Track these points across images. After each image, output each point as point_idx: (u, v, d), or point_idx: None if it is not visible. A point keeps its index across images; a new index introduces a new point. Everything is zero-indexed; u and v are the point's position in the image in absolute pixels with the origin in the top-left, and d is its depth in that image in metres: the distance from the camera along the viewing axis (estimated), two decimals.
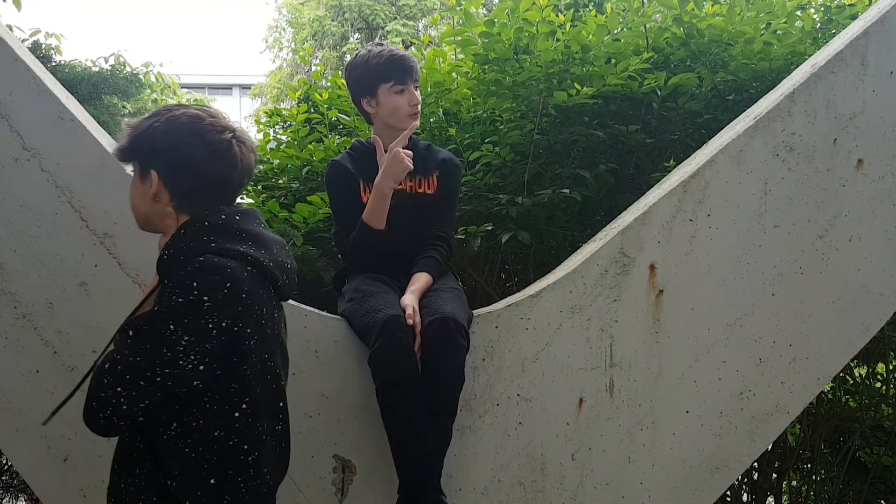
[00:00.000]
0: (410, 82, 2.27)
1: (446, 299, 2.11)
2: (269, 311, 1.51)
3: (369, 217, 2.21)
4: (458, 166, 2.41)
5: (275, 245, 1.57)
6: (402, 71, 2.27)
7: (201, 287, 1.42)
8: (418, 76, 2.32)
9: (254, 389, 1.48)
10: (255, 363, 1.48)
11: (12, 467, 3.78)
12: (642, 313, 2.31)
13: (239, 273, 1.46)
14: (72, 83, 3.72)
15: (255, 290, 1.48)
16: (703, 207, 2.35)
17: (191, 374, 1.41)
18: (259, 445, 1.49)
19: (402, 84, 2.27)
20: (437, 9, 15.24)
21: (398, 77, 2.26)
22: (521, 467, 2.23)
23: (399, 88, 2.27)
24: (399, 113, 2.27)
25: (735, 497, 3.61)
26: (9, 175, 2.11)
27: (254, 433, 1.49)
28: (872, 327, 2.46)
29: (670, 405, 2.31)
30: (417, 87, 2.32)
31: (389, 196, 2.20)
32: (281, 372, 1.56)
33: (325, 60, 15.71)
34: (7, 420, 2.11)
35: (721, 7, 3.07)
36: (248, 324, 1.46)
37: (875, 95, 2.46)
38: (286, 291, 1.59)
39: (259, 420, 1.49)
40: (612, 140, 2.89)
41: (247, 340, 1.46)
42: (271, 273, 1.52)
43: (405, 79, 2.27)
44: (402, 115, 2.27)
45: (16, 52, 2.16)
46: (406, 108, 2.27)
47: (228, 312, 1.43)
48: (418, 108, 2.29)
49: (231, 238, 1.50)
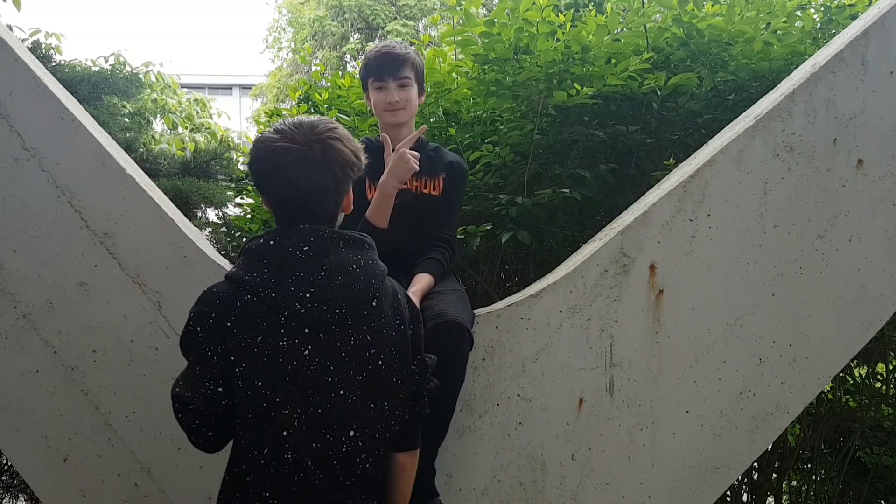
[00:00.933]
0: (390, 79, 2.28)
1: (450, 302, 2.11)
2: (268, 338, 1.46)
3: (372, 216, 2.21)
4: (464, 170, 2.43)
5: (304, 271, 1.49)
6: (381, 68, 2.29)
7: (195, 317, 1.49)
8: (406, 73, 2.30)
9: (244, 414, 1.47)
10: (243, 389, 1.46)
11: (12, 467, 3.78)
12: (642, 313, 2.31)
13: (230, 301, 1.47)
14: (72, 83, 3.71)
15: (249, 318, 1.46)
16: (703, 207, 2.35)
17: (214, 397, 1.47)
18: (256, 469, 1.47)
19: (380, 81, 2.30)
20: (437, 9, 15.24)
21: (377, 74, 2.30)
22: (521, 467, 2.23)
23: (378, 85, 2.31)
24: (377, 109, 2.33)
25: (735, 497, 3.61)
26: (9, 175, 2.12)
27: (247, 456, 1.48)
28: (872, 327, 2.46)
29: (670, 405, 2.31)
30: (406, 84, 2.30)
31: (393, 196, 2.21)
32: (281, 401, 1.47)
33: (325, 60, 15.71)
34: (7, 420, 2.11)
35: (721, 7, 3.07)
36: (236, 350, 1.45)
37: (875, 95, 2.46)
38: (307, 321, 1.49)
39: (252, 444, 1.47)
40: (612, 140, 2.89)
41: (235, 367, 1.46)
42: (275, 303, 1.47)
43: (383, 75, 2.29)
44: (380, 112, 2.32)
45: (16, 52, 2.16)
46: (382, 103, 2.30)
47: (218, 340, 1.46)
48: (396, 105, 2.29)
49: (252, 263, 1.50)
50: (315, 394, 1.48)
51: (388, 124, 2.33)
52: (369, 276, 1.55)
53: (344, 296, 1.50)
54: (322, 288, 1.49)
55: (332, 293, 1.49)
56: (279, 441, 1.47)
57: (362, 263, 1.55)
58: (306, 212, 1.54)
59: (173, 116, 5.10)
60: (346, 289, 1.50)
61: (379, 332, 1.54)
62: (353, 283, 1.52)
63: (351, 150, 1.57)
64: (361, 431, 1.51)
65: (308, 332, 1.48)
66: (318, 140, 1.52)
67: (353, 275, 1.52)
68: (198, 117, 5.49)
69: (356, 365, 1.51)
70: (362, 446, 1.52)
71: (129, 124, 4.45)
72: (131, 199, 2.17)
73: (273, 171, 1.52)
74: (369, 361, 1.52)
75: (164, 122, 5.06)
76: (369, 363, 1.52)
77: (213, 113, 5.92)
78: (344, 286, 1.50)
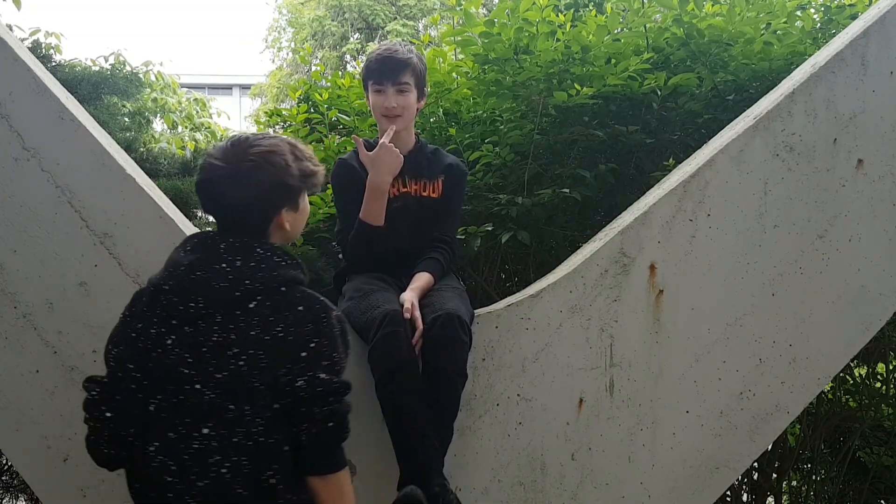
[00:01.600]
0: (389, 84, 2.28)
1: (448, 297, 2.12)
2: (150, 328, 1.57)
3: (366, 214, 2.22)
4: (464, 172, 2.44)
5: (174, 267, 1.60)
6: (381, 72, 2.29)
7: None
8: (406, 79, 2.28)
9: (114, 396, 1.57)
10: (115, 370, 1.58)
11: (12, 467, 3.78)
12: (642, 313, 2.31)
13: (139, 294, 1.63)
14: (72, 83, 3.71)
15: (141, 309, 1.60)
16: (703, 207, 2.35)
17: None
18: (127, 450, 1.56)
19: (379, 84, 2.30)
20: (437, 9, 15.23)
21: (376, 77, 2.30)
22: (521, 467, 2.23)
23: (377, 88, 2.30)
24: (375, 112, 2.33)
25: (735, 497, 3.61)
26: (9, 175, 2.11)
27: (119, 436, 1.56)
28: (872, 327, 2.46)
29: (670, 405, 2.31)
30: (405, 90, 2.29)
31: (386, 191, 2.21)
32: (148, 386, 1.55)
33: (325, 60, 15.71)
34: (7, 420, 2.11)
35: (721, 7, 3.07)
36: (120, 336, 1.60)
37: (875, 95, 2.46)
38: (173, 312, 1.57)
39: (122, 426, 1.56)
40: (612, 140, 2.89)
41: (114, 348, 1.60)
42: (155, 295, 1.59)
43: (382, 79, 2.29)
44: (377, 115, 2.32)
45: (16, 52, 2.16)
46: (380, 108, 2.30)
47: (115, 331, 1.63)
48: (392, 112, 2.28)
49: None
50: (172, 382, 1.53)
51: (383, 128, 2.33)
52: (248, 278, 1.56)
53: (201, 291, 1.55)
54: (179, 281, 1.57)
55: (187, 287, 1.56)
56: (144, 425, 1.54)
57: (239, 265, 1.56)
58: (230, 222, 1.64)
59: (173, 116, 5.10)
60: (205, 285, 1.55)
61: (246, 333, 1.54)
62: (215, 280, 1.55)
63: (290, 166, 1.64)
64: (216, 431, 1.50)
65: (175, 323, 1.56)
66: (247, 159, 1.60)
67: (219, 274, 1.55)
68: (197, 117, 5.48)
69: (216, 362, 1.52)
70: (216, 447, 1.50)
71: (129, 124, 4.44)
72: (131, 199, 2.17)
73: (199, 185, 1.65)
74: (231, 361, 1.52)
75: (164, 121, 5.05)
76: (231, 363, 1.52)
77: (213, 112, 5.92)
78: (201, 282, 1.55)
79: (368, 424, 2.12)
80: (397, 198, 2.30)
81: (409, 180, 2.33)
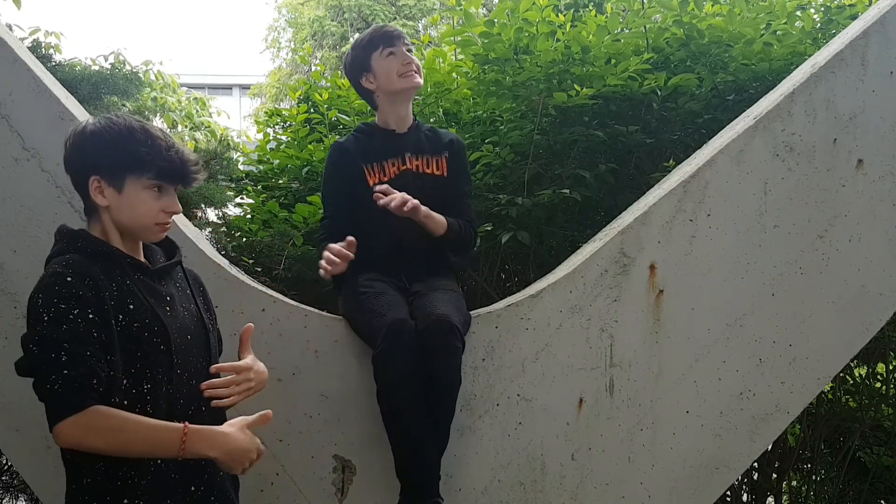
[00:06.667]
0: (400, 44, 2.27)
1: (442, 301, 2.09)
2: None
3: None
4: (463, 145, 2.42)
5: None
6: (388, 36, 2.28)
7: None
8: (410, 42, 2.31)
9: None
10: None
11: (12, 467, 3.78)
12: (642, 313, 2.31)
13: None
14: (72, 83, 3.70)
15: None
16: (703, 207, 2.35)
17: None
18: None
19: (390, 46, 2.27)
20: (437, 9, 15.23)
21: (386, 41, 2.27)
22: (521, 467, 2.23)
23: (388, 51, 2.27)
24: (391, 75, 2.26)
25: (735, 497, 3.61)
26: (9, 175, 2.11)
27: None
28: (872, 327, 2.46)
29: (670, 405, 2.31)
30: (412, 51, 2.30)
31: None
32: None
33: (324, 60, 15.70)
34: (7, 420, 2.11)
35: (721, 8, 3.07)
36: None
37: (875, 95, 2.46)
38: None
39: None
40: (612, 140, 2.89)
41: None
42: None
43: (393, 42, 2.27)
44: (394, 77, 2.26)
45: (16, 52, 2.16)
46: (398, 67, 2.25)
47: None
48: (412, 66, 2.25)
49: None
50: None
51: (403, 90, 2.27)
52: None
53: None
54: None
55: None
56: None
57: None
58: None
59: (173, 115, 5.09)
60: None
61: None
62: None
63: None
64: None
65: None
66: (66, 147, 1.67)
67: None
68: (197, 116, 5.48)
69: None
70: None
71: None
72: None
73: None
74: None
75: (164, 120, 5.05)
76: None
77: (213, 112, 5.91)
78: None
79: (369, 424, 2.12)
80: (398, 177, 2.24)
81: (409, 157, 2.27)
